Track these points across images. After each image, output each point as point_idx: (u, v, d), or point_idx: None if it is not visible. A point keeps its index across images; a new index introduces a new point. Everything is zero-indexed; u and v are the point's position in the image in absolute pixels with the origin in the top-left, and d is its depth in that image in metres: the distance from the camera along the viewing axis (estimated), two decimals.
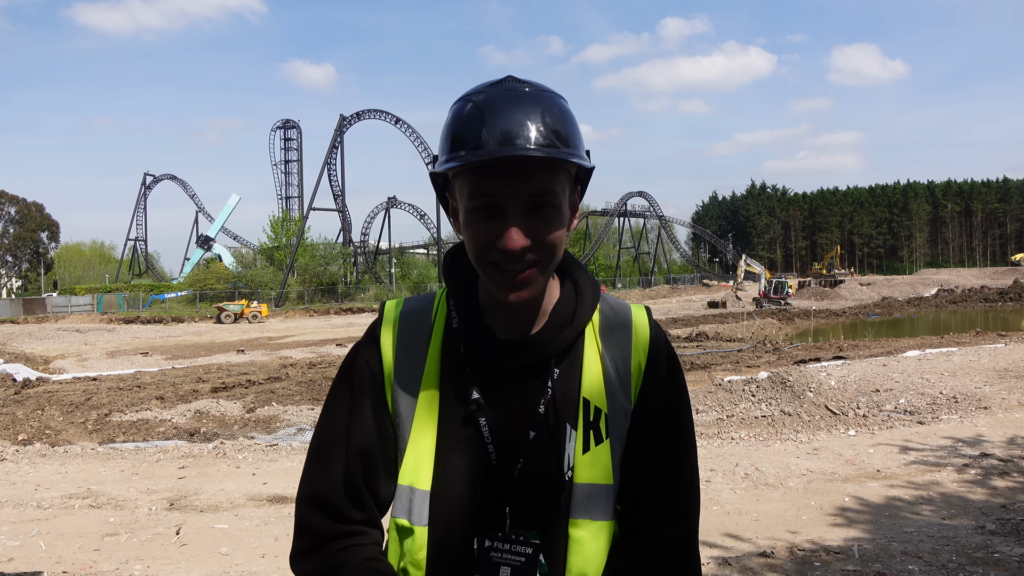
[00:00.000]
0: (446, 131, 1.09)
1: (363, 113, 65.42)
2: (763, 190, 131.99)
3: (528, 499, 1.14)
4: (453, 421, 1.16)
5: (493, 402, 1.15)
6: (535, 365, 1.16)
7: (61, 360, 24.65)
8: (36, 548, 5.18)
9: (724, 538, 4.99)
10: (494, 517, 1.14)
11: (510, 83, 1.09)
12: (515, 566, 1.12)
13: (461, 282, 1.21)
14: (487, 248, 1.07)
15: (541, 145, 1.03)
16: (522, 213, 1.06)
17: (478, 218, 1.07)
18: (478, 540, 1.13)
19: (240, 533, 5.48)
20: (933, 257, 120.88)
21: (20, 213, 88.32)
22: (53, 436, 10.91)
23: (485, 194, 1.06)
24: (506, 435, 1.14)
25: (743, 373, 13.79)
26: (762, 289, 47.60)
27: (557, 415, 1.15)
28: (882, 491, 5.93)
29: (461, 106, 1.09)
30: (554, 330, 1.16)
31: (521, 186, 1.05)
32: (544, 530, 1.15)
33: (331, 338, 29.48)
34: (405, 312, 1.23)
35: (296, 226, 62.27)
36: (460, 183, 1.09)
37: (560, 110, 1.08)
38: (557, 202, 1.08)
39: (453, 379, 1.17)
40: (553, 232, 1.08)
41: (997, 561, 4.26)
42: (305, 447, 8.54)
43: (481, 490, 1.14)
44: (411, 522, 1.14)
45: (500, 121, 1.04)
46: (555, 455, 1.14)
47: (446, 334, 1.20)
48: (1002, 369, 10.64)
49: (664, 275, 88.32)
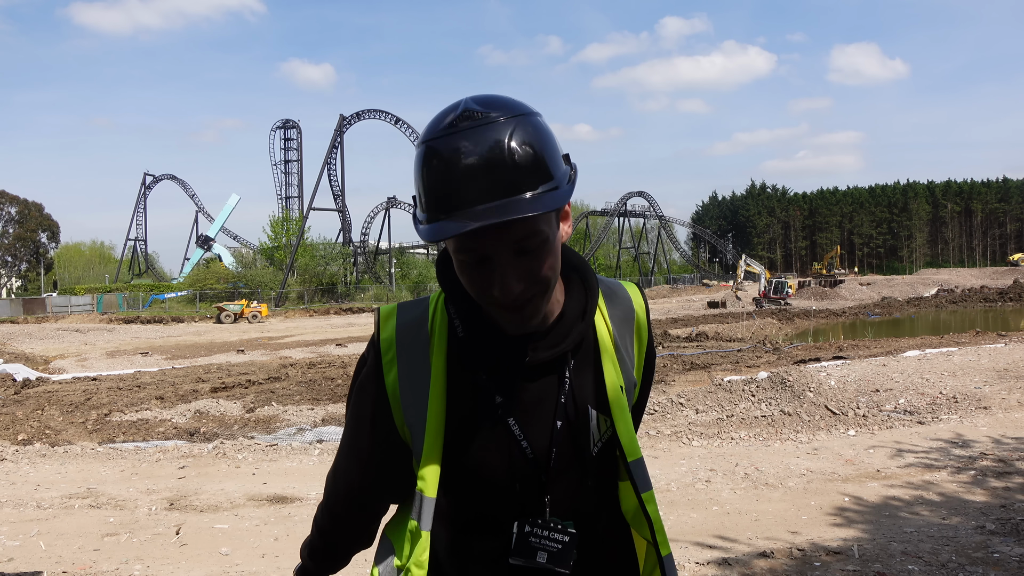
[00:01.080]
0: (417, 185, 1.06)
1: (363, 113, 65.44)
2: (763, 190, 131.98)
3: (563, 485, 1.19)
4: (474, 424, 1.18)
5: (515, 400, 1.18)
6: (554, 358, 1.18)
7: (61, 360, 24.65)
8: (36, 548, 5.18)
9: (724, 538, 4.99)
10: (532, 507, 1.19)
11: (464, 122, 1.01)
12: (552, 552, 1.17)
13: (459, 290, 1.19)
14: (483, 292, 1.08)
15: (515, 192, 0.99)
16: (510, 259, 1.05)
17: (469, 269, 1.07)
18: (518, 524, 1.18)
19: (240, 533, 5.48)
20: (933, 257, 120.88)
21: (20, 213, 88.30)
22: (53, 436, 10.91)
23: (470, 250, 1.05)
24: (535, 429, 1.18)
25: (743, 373, 13.79)
26: (762, 289, 47.60)
27: (577, 402, 1.20)
28: (882, 491, 5.93)
29: (422, 154, 1.04)
30: (568, 326, 1.19)
31: (505, 236, 1.03)
32: (581, 515, 1.21)
33: (331, 338, 29.48)
34: (401, 325, 1.23)
35: (296, 226, 62.28)
36: (446, 240, 1.08)
37: (526, 137, 1.01)
38: (544, 237, 1.05)
39: (464, 386, 1.18)
40: (545, 264, 1.07)
41: (997, 561, 4.26)
42: (305, 447, 8.55)
43: (520, 483, 1.18)
44: (420, 526, 1.19)
45: (460, 177, 0.99)
46: (583, 439, 1.20)
47: (450, 343, 1.20)
48: (1002, 369, 10.64)
49: (664, 275, 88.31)
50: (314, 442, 9.00)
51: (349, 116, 63.89)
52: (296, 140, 69.84)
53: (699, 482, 6.41)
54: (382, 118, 66.55)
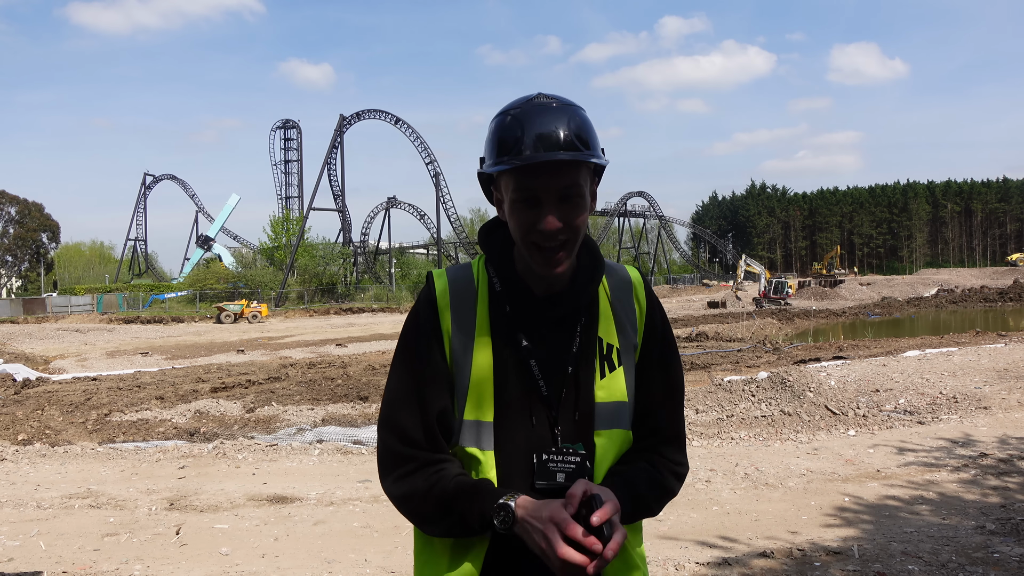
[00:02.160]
0: (492, 139, 1.37)
1: (363, 113, 65.44)
2: (763, 190, 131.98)
3: (571, 419, 1.42)
4: (507, 364, 1.41)
5: (538, 346, 1.42)
6: (568, 315, 1.44)
7: (61, 360, 24.66)
8: (36, 548, 5.18)
9: (724, 538, 5.00)
10: (546, 437, 1.41)
11: (541, 99, 1.36)
12: (568, 471, 1.38)
13: (498, 252, 1.47)
14: (529, 231, 1.34)
15: (567, 149, 1.31)
16: (555, 202, 1.33)
17: (521, 207, 1.34)
18: (536, 455, 1.39)
19: (240, 533, 5.48)
20: (933, 257, 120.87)
21: (20, 213, 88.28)
22: (53, 436, 10.91)
23: (526, 188, 1.33)
24: (550, 372, 1.42)
25: (743, 373, 13.79)
26: (762, 289, 47.62)
27: (586, 353, 1.45)
28: (882, 491, 5.93)
29: (502, 119, 1.36)
30: (581, 287, 1.44)
31: (553, 181, 1.32)
32: (585, 442, 1.43)
33: (331, 338, 29.49)
34: (453, 279, 1.48)
35: (296, 226, 62.29)
36: (505, 181, 1.37)
37: (581, 119, 1.35)
38: (582, 192, 1.35)
39: (501, 332, 1.43)
40: (579, 216, 1.35)
41: (997, 561, 4.26)
42: (305, 447, 8.54)
43: (536, 416, 1.41)
44: (481, 448, 1.40)
45: (535, 132, 1.31)
46: (588, 384, 1.44)
47: (491, 296, 1.45)
48: (1002, 369, 10.64)
49: (664, 275, 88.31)
50: (314, 442, 9.00)
51: (349, 116, 63.90)
52: (296, 140, 69.91)
53: (699, 482, 6.41)
54: (382, 118, 66.55)
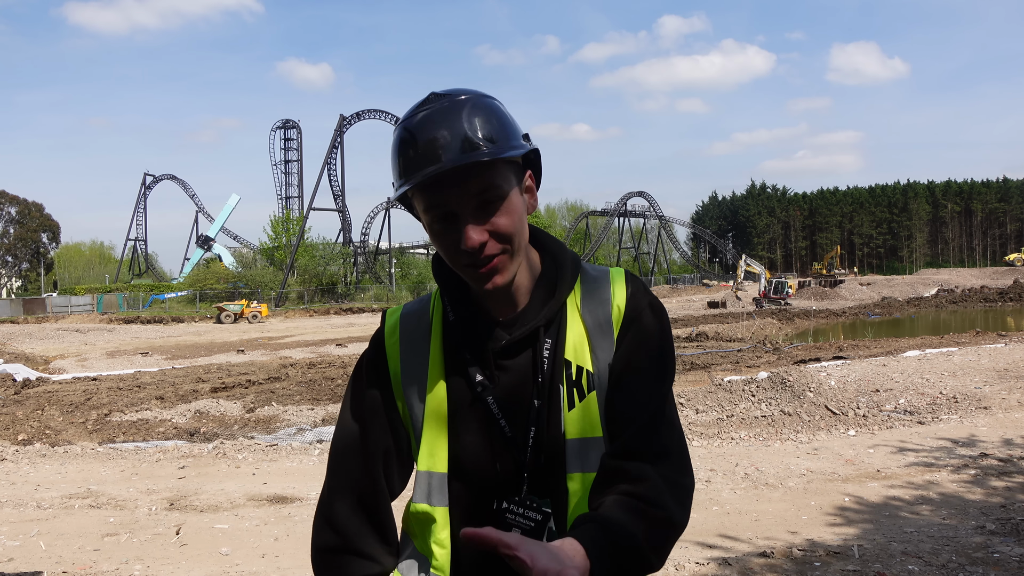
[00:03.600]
0: (391, 159, 1.19)
1: (363, 113, 65.45)
2: (763, 190, 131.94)
3: (542, 463, 1.22)
4: (463, 405, 1.24)
5: (496, 380, 1.24)
6: (526, 339, 1.24)
7: (61, 360, 24.66)
8: (36, 548, 5.18)
9: (724, 538, 5.00)
10: (514, 483, 1.22)
11: (431, 102, 1.17)
12: (525, 528, 1.21)
13: (451, 279, 1.29)
14: (455, 252, 1.16)
15: (465, 151, 1.11)
16: (473, 213, 1.14)
17: (438, 229, 1.17)
18: (497, 500, 1.23)
19: (240, 533, 5.48)
20: (933, 257, 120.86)
21: (20, 213, 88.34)
22: (53, 436, 10.91)
23: (436, 206, 1.15)
24: (514, 408, 1.23)
25: (743, 373, 13.79)
26: (762, 289, 47.60)
27: (552, 381, 1.23)
28: (882, 491, 5.93)
29: (398, 134, 1.18)
30: (538, 304, 1.25)
31: (464, 190, 1.13)
32: (557, 492, 1.22)
33: (331, 338, 29.48)
34: (405, 314, 1.34)
35: (296, 226, 62.29)
36: (417, 202, 1.19)
37: (482, 111, 1.15)
38: (502, 194, 1.15)
39: (457, 367, 1.26)
40: (507, 222, 1.15)
41: (997, 561, 4.26)
42: (305, 447, 8.54)
43: (500, 462, 1.22)
44: (432, 504, 1.24)
45: (426, 142, 1.13)
46: (556, 418, 1.23)
47: (444, 327, 1.29)
48: (1002, 369, 10.64)
49: (664, 275, 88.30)
50: (314, 442, 9.00)
51: (349, 116, 63.92)
52: (296, 140, 69.92)
53: (699, 482, 6.41)
54: (382, 118, 66.56)
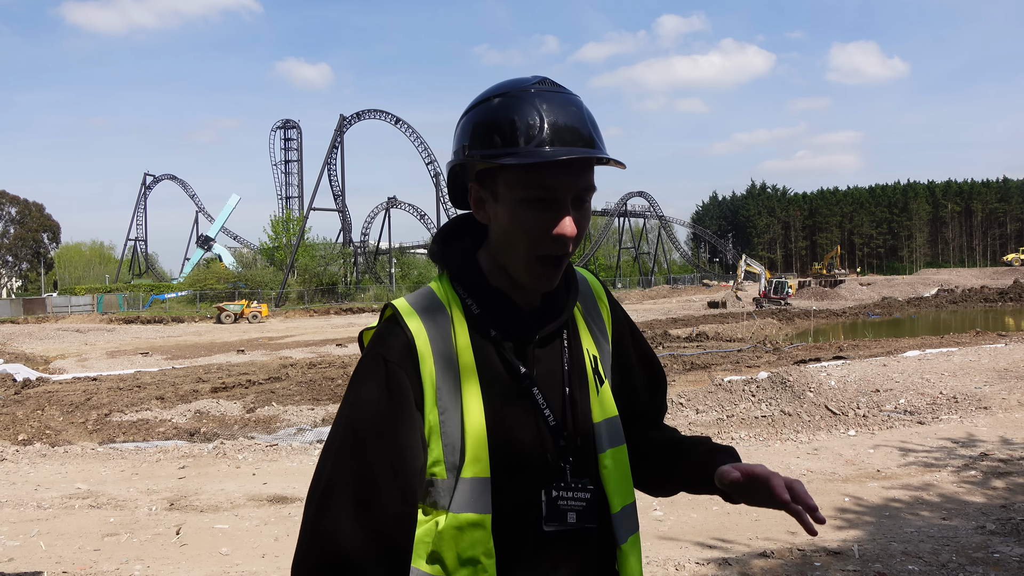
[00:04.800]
0: (493, 123, 1.13)
1: (363, 113, 65.41)
2: (763, 190, 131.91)
3: (579, 445, 1.24)
4: (506, 400, 1.19)
5: (534, 371, 1.22)
6: (555, 330, 1.26)
7: (61, 360, 24.65)
8: (36, 548, 5.18)
9: (723, 539, 5.00)
10: (554, 472, 1.21)
11: (551, 84, 1.16)
12: (579, 510, 1.21)
13: (463, 266, 1.24)
14: (541, 237, 1.14)
15: (596, 146, 1.14)
16: (571, 205, 1.14)
17: (535, 209, 1.13)
18: (545, 492, 1.19)
19: (240, 533, 5.48)
20: (933, 257, 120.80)
21: (21, 213, 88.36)
22: (53, 436, 10.91)
23: (543, 187, 1.12)
24: (551, 397, 1.23)
25: (743, 373, 13.79)
26: (762, 289, 47.58)
27: (578, 369, 1.27)
28: (882, 491, 5.93)
29: (505, 101, 1.13)
30: (562, 297, 1.27)
31: (575, 181, 1.13)
32: (590, 471, 1.25)
33: (331, 338, 29.47)
34: (422, 310, 1.20)
35: (296, 226, 62.28)
36: (508, 176, 1.13)
37: (591, 113, 1.18)
38: (591, 196, 1.20)
39: (490, 362, 1.20)
40: (585, 223, 1.18)
41: (997, 561, 4.26)
42: (305, 447, 8.53)
43: (550, 452, 1.21)
44: (478, 512, 1.13)
45: (560, 119, 1.11)
46: (584, 403, 1.26)
47: (469, 322, 1.20)
48: (1002, 369, 10.64)
49: (664, 275, 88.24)
50: (314, 442, 9.00)
51: (349, 116, 63.88)
52: (296, 140, 69.90)
53: None
54: (382, 118, 66.53)
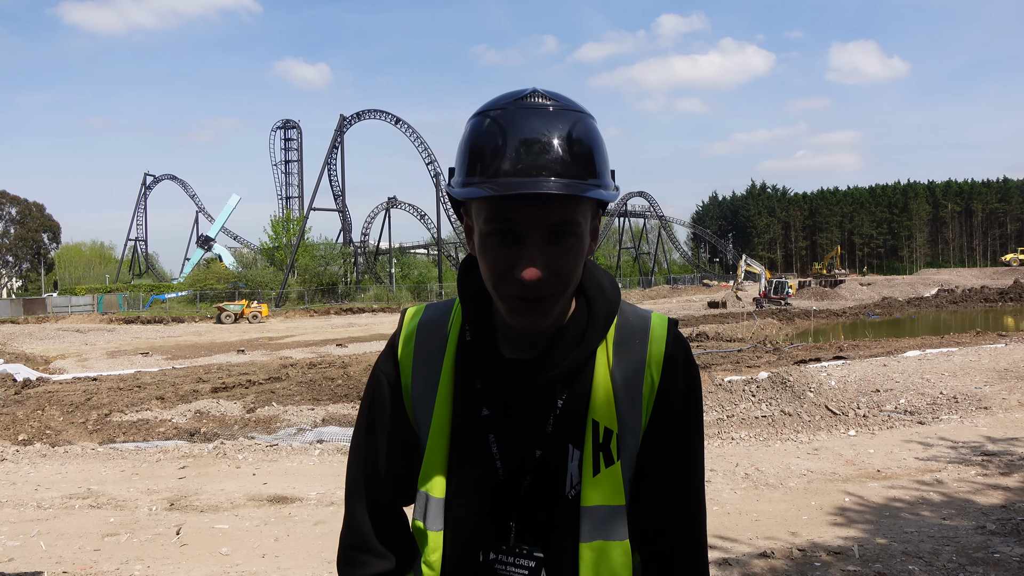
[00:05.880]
0: (463, 147, 1.04)
1: (363, 113, 65.41)
2: (763, 190, 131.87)
3: (533, 515, 1.14)
4: (465, 433, 1.16)
5: (502, 418, 1.14)
6: (547, 385, 1.13)
7: (61, 360, 24.65)
8: (36, 548, 5.18)
9: (724, 538, 5.00)
10: (502, 530, 1.15)
11: (534, 99, 1.02)
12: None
13: (474, 296, 1.17)
14: (502, 276, 1.03)
15: (566, 176, 0.98)
16: (541, 242, 1.01)
17: (495, 244, 1.02)
18: (483, 552, 1.15)
19: (240, 533, 5.48)
20: (933, 257, 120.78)
21: (21, 213, 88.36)
22: (53, 436, 10.91)
23: (504, 219, 1.01)
24: (513, 451, 1.14)
25: (743, 373, 13.79)
26: (762, 289, 47.58)
27: (563, 436, 1.13)
28: (882, 491, 5.93)
29: (479, 121, 1.03)
30: (563, 351, 1.12)
31: (542, 216, 1.00)
32: (548, 546, 1.14)
33: (331, 338, 29.47)
34: (423, 321, 1.23)
35: (296, 226, 62.27)
36: (477, 205, 1.04)
37: (587, 133, 1.02)
38: (579, 232, 1.03)
39: (466, 392, 1.17)
40: (572, 263, 1.03)
41: (997, 561, 4.26)
42: (305, 447, 8.54)
43: (489, 503, 1.15)
44: (426, 527, 1.17)
45: (522, 147, 0.98)
46: (559, 476, 1.13)
47: (459, 346, 1.19)
48: (1002, 369, 10.64)
49: (664, 275, 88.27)
50: (314, 442, 9.00)
51: (349, 116, 63.88)
52: (296, 140, 69.90)
53: None
54: (382, 118, 66.52)
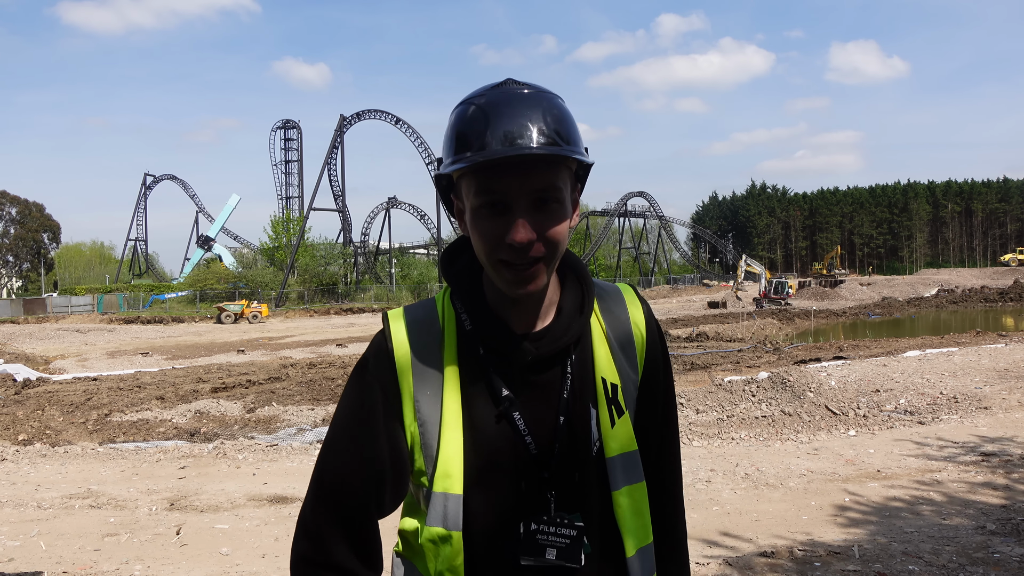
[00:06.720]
0: (450, 133, 1.14)
1: (363, 113, 65.42)
2: (763, 190, 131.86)
3: (568, 481, 1.19)
4: (483, 420, 1.18)
5: (519, 395, 1.19)
6: (555, 355, 1.21)
7: (61, 360, 24.66)
8: (36, 548, 5.18)
9: (725, 538, 5.00)
10: (541, 503, 1.18)
11: (510, 85, 1.14)
12: (560, 547, 1.17)
13: (464, 283, 1.23)
14: (496, 244, 1.11)
15: (543, 144, 1.08)
16: (528, 208, 1.10)
17: (485, 215, 1.11)
18: (524, 524, 1.17)
19: (240, 533, 5.48)
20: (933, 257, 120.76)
21: (21, 213, 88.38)
22: (53, 436, 10.91)
23: (491, 191, 1.10)
24: (538, 425, 1.19)
25: (743, 373, 13.79)
26: (762, 289, 47.57)
27: (580, 398, 1.21)
28: (882, 491, 5.93)
29: (464, 109, 1.13)
30: (567, 320, 1.22)
31: (525, 182, 1.09)
32: (586, 509, 1.20)
33: (331, 338, 29.48)
34: (411, 322, 1.24)
35: (296, 226, 62.29)
36: (467, 183, 1.13)
37: (559, 109, 1.13)
38: (560, 197, 1.13)
39: (475, 380, 1.20)
40: (557, 225, 1.12)
41: (997, 561, 4.26)
42: (305, 447, 8.54)
43: (525, 481, 1.18)
44: (447, 528, 1.16)
45: (503, 122, 1.08)
46: (584, 435, 1.21)
47: (460, 337, 1.22)
48: (1002, 369, 10.64)
49: (664, 275, 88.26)
50: (314, 442, 9.00)
51: (349, 116, 63.89)
52: (296, 140, 69.92)
53: (699, 482, 6.41)
54: (382, 118, 66.54)
